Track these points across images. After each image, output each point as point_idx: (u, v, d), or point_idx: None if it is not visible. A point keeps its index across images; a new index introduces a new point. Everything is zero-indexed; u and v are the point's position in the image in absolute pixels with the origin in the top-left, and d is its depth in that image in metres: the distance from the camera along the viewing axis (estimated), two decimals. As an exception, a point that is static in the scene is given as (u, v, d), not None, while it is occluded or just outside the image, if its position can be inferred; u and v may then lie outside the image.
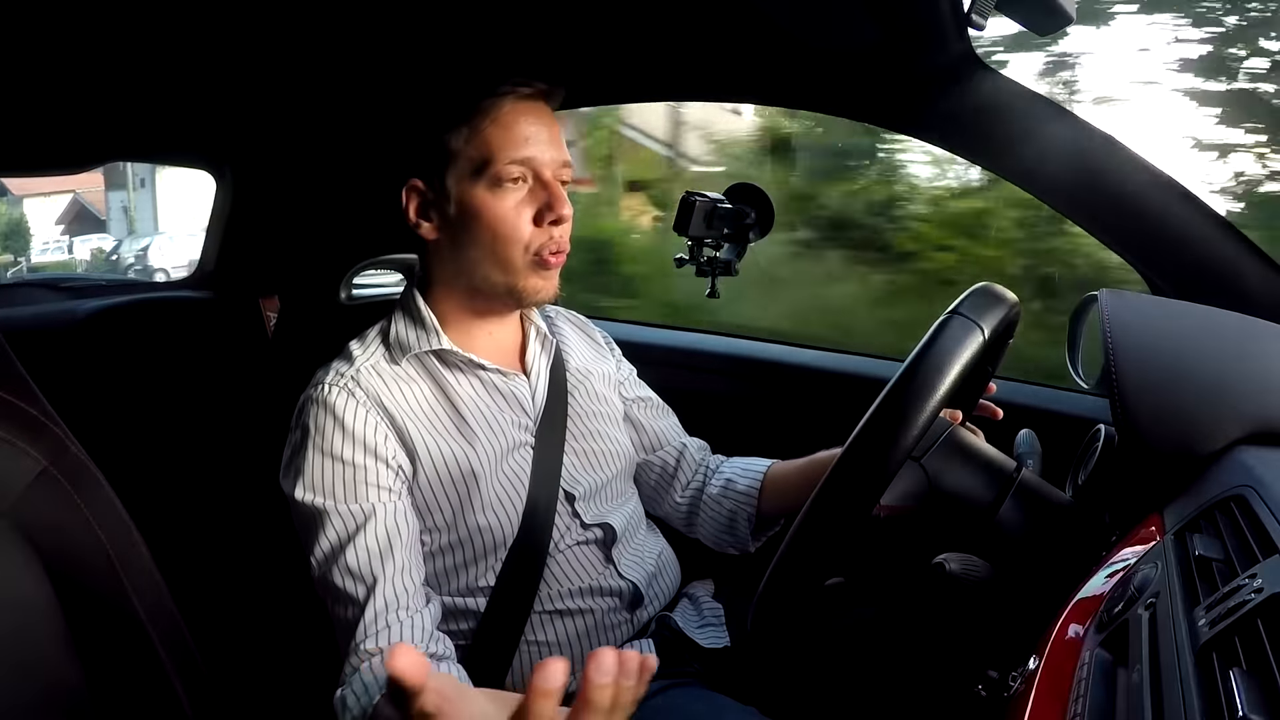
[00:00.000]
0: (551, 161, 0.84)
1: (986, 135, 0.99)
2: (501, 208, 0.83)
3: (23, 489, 0.55)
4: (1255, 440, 0.65)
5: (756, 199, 1.08)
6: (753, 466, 1.05)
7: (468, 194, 0.83)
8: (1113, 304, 0.72)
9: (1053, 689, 0.49)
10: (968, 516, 0.71)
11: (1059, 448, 0.87)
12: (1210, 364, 0.69)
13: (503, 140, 0.82)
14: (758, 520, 1.02)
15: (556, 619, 0.88)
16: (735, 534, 1.03)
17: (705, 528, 1.05)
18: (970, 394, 0.88)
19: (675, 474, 1.07)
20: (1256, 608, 0.41)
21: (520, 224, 0.83)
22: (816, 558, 0.64)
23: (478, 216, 0.83)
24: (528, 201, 0.83)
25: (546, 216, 0.83)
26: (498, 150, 0.82)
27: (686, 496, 1.07)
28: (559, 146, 0.85)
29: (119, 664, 0.58)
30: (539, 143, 0.83)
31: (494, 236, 0.83)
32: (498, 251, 0.83)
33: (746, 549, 1.05)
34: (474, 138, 0.83)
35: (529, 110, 0.84)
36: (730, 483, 1.04)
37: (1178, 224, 0.91)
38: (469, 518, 0.85)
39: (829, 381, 1.34)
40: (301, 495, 0.80)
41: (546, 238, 0.83)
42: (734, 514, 1.02)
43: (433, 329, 0.87)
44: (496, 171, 0.82)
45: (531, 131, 0.83)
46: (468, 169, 0.83)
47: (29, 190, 8.39)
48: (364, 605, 0.77)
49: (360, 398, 0.82)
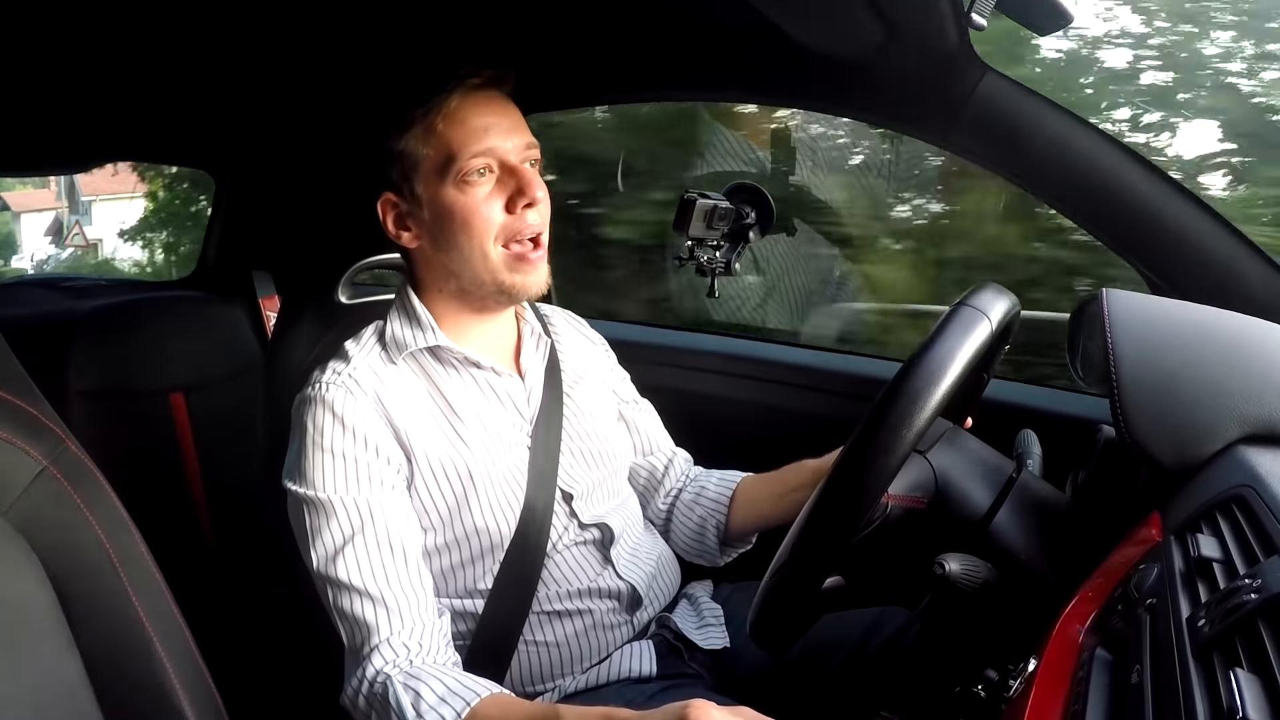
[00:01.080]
0: (515, 147, 0.83)
1: (987, 135, 0.99)
2: (471, 201, 0.82)
3: (23, 489, 0.55)
4: (1255, 440, 0.65)
5: (756, 199, 1.08)
6: (727, 477, 1.06)
7: (437, 195, 0.83)
8: (1113, 304, 0.72)
9: (1053, 689, 0.49)
10: (968, 516, 0.71)
11: (1059, 448, 0.87)
12: (1210, 364, 0.69)
13: (460, 135, 0.81)
14: (726, 530, 1.03)
15: (555, 619, 0.88)
16: (704, 543, 1.04)
17: (676, 535, 1.06)
18: (968, 398, 0.88)
19: (663, 480, 1.08)
20: (1257, 607, 0.41)
21: (491, 214, 0.83)
22: (822, 550, 0.64)
23: (451, 216, 0.83)
24: (496, 191, 0.83)
25: (519, 201, 0.82)
26: (458, 146, 0.81)
27: (667, 503, 1.08)
28: (519, 130, 0.84)
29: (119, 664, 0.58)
30: (498, 131, 0.82)
31: (468, 231, 0.83)
32: (475, 246, 0.83)
33: (715, 562, 1.05)
34: (431, 138, 0.82)
35: (480, 100, 0.83)
36: (703, 491, 1.05)
37: (1178, 224, 0.91)
38: (466, 518, 0.84)
39: (828, 381, 1.34)
40: (303, 492, 0.80)
41: (520, 223, 0.83)
42: (703, 521, 1.04)
43: (428, 326, 0.87)
44: (460, 168, 0.81)
45: (488, 121, 0.82)
46: (433, 170, 0.83)
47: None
48: (376, 602, 0.76)
49: (358, 394, 0.82)
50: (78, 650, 0.56)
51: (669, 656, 0.91)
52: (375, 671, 0.74)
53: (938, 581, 0.65)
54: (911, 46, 0.92)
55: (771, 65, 1.07)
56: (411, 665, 0.74)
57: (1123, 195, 0.93)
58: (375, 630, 0.76)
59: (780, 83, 1.12)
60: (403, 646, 0.75)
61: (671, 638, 0.93)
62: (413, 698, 0.71)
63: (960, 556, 0.66)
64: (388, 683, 0.73)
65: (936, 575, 0.65)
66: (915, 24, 0.88)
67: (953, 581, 0.65)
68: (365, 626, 0.76)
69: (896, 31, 0.89)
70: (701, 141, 2.04)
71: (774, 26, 0.89)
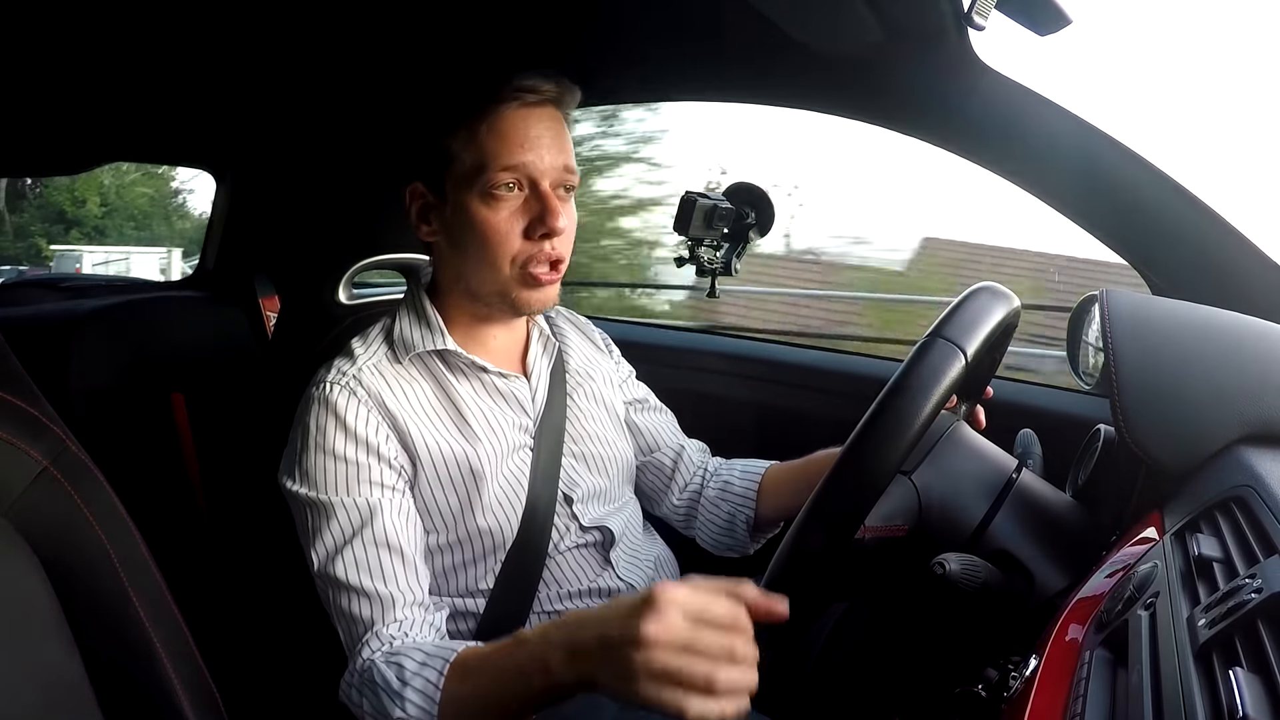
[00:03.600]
0: (550, 169, 0.82)
1: (986, 135, 0.99)
2: (494, 218, 0.81)
3: (23, 489, 0.55)
4: (1255, 440, 0.65)
5: (756, 199, 1.08)
6: (751, 469, 1.05)
7: (463, 201, 0.82)
8: (1113, 304, 0.72)
9: (1053, 689, 0.49)
10: (953, 540, 0.70)
11: (1059, 448, 0.87)
12: (1210, 364, 0.69)
13: (497, 147, 0.80)
14: (756, 522, 1.02)
15: (555, 618, 0.88)
16: (734, 536, 1.03)
17: (704, 530, 1.05)
18: (978, 381, 0.87)
19: (673, 476, 1.07)
20: (1257, 607, 0.41)
21: (511, 236, 0.81)
22: (799, 587, 0.64)
23: (470, 225, 0.82)
24: (521, 213, 0.81)
25: (538, 229, 0.81)
26: (491, 157, 0.80)
27: (684, 499, 1.07)
28: (560, 152, 0.82)
29: (119, 664, 0.58)
30: (536, 148, 0.81)
31: (483, 245, 0.82)
32: (487, 260, 0.82)
33: (746, 551, 1.05)
34: (471, 143, 0.81)
35: (529, 115, 0.82)
36: (728, 485, 1.04)
37: (1178, 224, 0.91)
38: (470, 519, 0.84)
39: (829, 381, 1.34)
40: (304, 492, 0.80)
41: (536, 250, 0.82)
42: (732, 516, 1.02)
43: (438, 329, 0.87)
44: (488, 179, 0.80)
45: (529, 137, 0.81)
46: (463, 175, 0.82)
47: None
48: (372, 600, 0.76)
49: (362, 396, 0.82)
50: (78, 650, 0.56)
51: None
52: (363, 660, 0.74)
53: (938, 581, 0.65)
54: (911, 46, 0.92)
55: (771, 65, 1.07)
56: (393, 646, 0.74)
57: (1123, 195, 0.93)
58: (369, 626, 0.76)
59: (780, 83, 1.12)
60: (389, 637, 0.75)
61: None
62: (396, 670, 0.71)
63: (960, 556, 0.66)
64: (372, 666, 0.73)
65: (936, 575, 0.65)
66: (915, 24, 0.88)
67: (953, 581, 0.65)
68: (361, 624, 0.77)
69: (896, 31, 0.89)
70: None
71: (774, 26, 0.89)
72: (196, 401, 1.29)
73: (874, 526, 0.69)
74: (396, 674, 0.70)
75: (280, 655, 1.14)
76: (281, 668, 1.13)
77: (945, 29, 0.86)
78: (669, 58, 1.15)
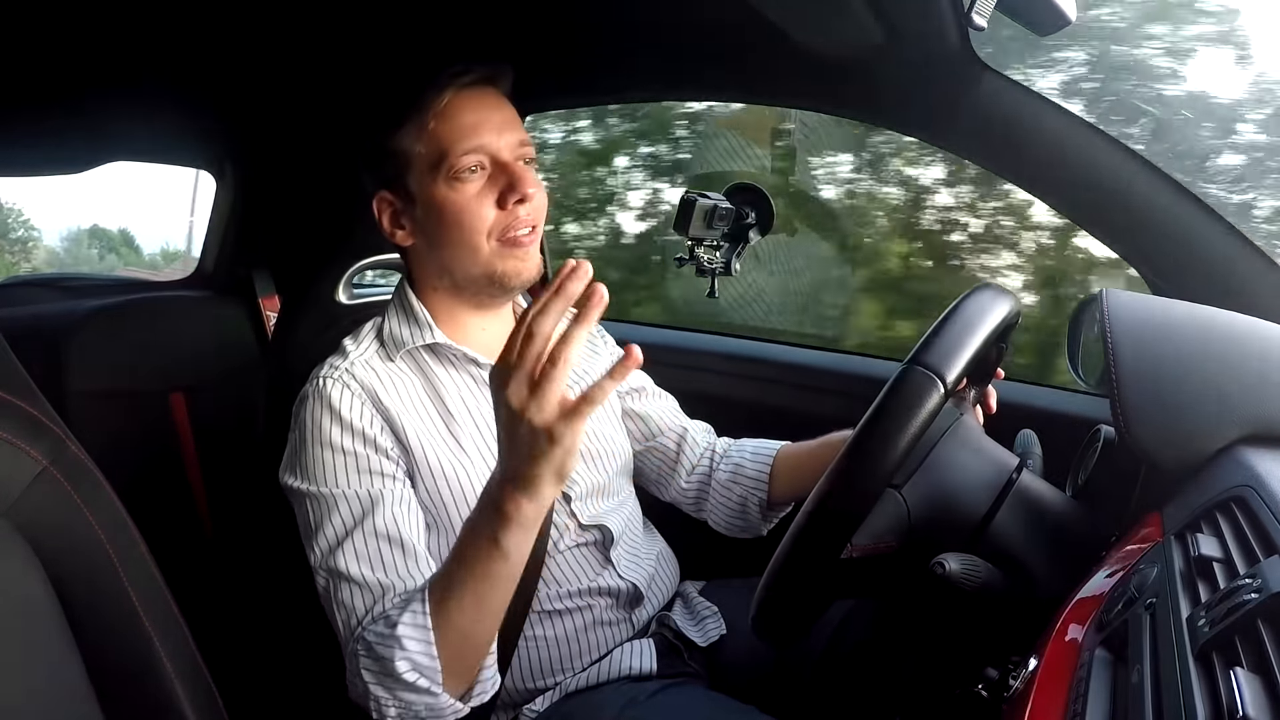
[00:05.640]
0: (507, 145, 0.83)
1: (987, 135, 0.99)
2: (464, 199, 0.82)
3: (23, 489, 0.55)
4: (1255, 440, 0.65)
5: (756, 199, 1.08)
6: (762, 450, 1.05)
7: (430, 193, 0.83)
8: (1113, 304, 0.72)
9: (1053, 689, 0.49)
10: (962, 525, 0.70)
11: (1059, 448, 0.87)
12: (1210, 364, 0.69)
13: (451, 132, 0.81)
14: (768, 504, 1.02)
15: (555, 617, 0.88)
16: (746, 519, 1.04)
17: (715, 513, 1.05)
18: (988, 370, 0.87)
19: (679, 459, 1.07)
20: (1257, 607, 0.41)
21: (483, 211, 0.83)
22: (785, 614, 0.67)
23: (442, 213, 0.83)
24: (488, 188, 0.83)
25: (510, 198, 0.82)
26: (449, 144, 0.81)
27: (693, 481, 1.07)
28: (513, 128, 0.84)
29: (119, 664, 0.58)
30: (489, 128, 0.82)
31: (458, 227, 0.83)
32: (465, 241, 0.83)
33: (759, 532, 1.05)
34: (423, 135, 0.82)
35: (473, 98, 0.83)
36: (739, 468, 1.04)
37: (1178, 224, 0.91)
38: (463, 515, 0.84)
39: (829, 381, 1.34)
40: (304, 487, 0.80)
41: (512, 219, 0.83)
42: (744, 500, 1.03)
43: (426, 323, 0.87)
44: (452, 164, 0.81)
45: (479, 118, 0.82)
46: (425, 168, 0.83)
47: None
48: (372, 590, 0.75)
49: (355, 389, 0.82)
50: (78, 650, 0.56)
51: (669, 655, 0.91)
52: (363, 648, 0.73)
53: (938, 581, 0.65)
54: (911, 46, 0.92)
55: (771, 65, 1.07)
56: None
57: (1122, 195, 0.93)
58: (367, 612, 0.75)
59: (780, 83, 1.12)
60: (382, 615, 0.74)
61: (671, 636, 0.93)
62: (384, 623, 0.71)
63: (960, 556, 0.66)
64: (363, 635, 0.72)
65: (936, 575, 0.65)
66: (915, 24, 0.88)
67: (953, 581, 0.65)
68: (358, 613, 0.75)
69: (896, 31, 0.89)
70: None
71: (773, 26, 0.89)
72: (196, 401, 1.29)
73: (862, 545, 0.69)
74: (385, 624, 0.70)
75: (280, 655, 1.14)
76: (281, 667, 1.13)
77: (945, 29, 0.86)
78: (667, 57, 1.15)
